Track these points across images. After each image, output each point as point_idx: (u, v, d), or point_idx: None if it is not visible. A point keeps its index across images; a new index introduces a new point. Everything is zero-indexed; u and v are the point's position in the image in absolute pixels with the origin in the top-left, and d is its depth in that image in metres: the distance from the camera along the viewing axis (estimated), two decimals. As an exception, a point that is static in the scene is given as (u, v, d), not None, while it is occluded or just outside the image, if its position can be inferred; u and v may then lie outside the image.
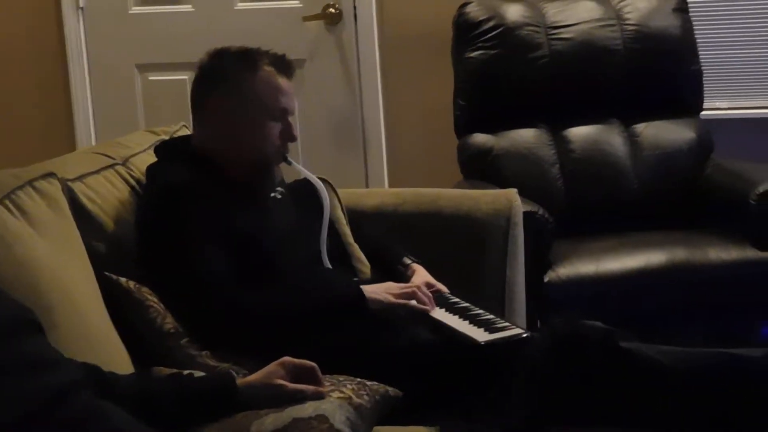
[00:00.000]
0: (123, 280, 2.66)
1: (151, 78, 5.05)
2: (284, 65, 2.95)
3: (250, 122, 2.90)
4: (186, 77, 3.00)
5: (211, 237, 2.72)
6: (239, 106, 2.90)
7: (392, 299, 2.82)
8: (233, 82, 2.91)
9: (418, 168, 4.85)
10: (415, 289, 2.87)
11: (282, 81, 2.93)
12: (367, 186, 4.87)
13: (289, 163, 3.00)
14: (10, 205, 2.45)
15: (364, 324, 2.76)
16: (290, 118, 2.94)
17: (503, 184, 3.88)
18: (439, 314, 2.85)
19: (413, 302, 2.84)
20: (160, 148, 3.04)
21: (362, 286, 2.82)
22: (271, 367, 2.32)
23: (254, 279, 2.72)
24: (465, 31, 4.39)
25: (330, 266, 2.97)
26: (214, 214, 2.75)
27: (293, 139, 2.96)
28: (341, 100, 4.91)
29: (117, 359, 2.52)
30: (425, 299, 2.86)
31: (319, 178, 3.12)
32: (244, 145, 2.91)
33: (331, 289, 2.86)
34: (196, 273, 2.68)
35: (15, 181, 2.53)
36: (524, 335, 2.71)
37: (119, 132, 4.57)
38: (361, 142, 4.91)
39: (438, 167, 4.61)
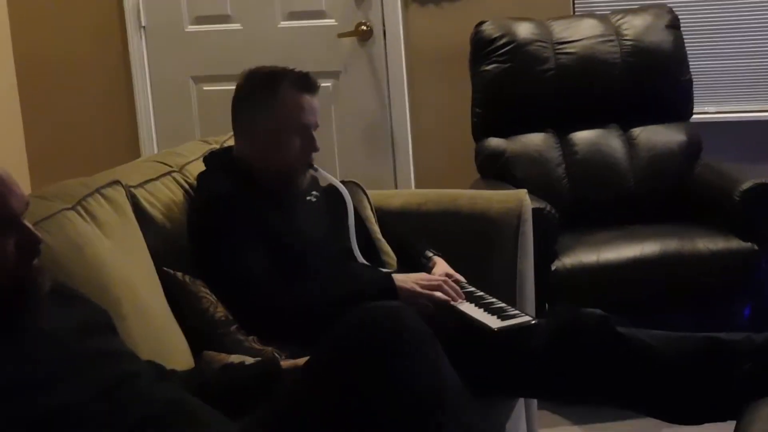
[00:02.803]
0: (179, 274, 2.69)
1: (205, 88, 5.08)
2: (306, 83, 2.91)
3: (275, 136, 2.88)
4: (235, 87, 3.03)
5: (247, 240, 2.73)
6: (265, 122, 2.89)
7: (419, 289, 2.77)
8: (260, 101, 2.90)
9: (440, 169, 4.85)
10: (441, 282, 2.82)
11: (303, 98, 2.89)
12: (395, 187, 4.88)
13: (315, 170, 2.97)
14: (81, 211, 2.48)
15: None
16: (313, 132, 2.91)
17: (515, 183, 3.91)
18: (457, 302, 2.82)
19: (438, 294, 2.78)
20: (208, 158, 3.05)
21: (393, 275, 2.80)
22: None
23: (289, 275, 2.72)
24: (481, 47, 4.40)
25: (363, 259, 2.94)
26: (249, 219, 2.76)
27: (315, 149, 2.91)
28: (372, 109, 4.93)
29: (176, 344, 2.56)
30: (451, 292, 2.81)
31: (351, 181, 3.12)
32: (271, 157, 2.89)
33: (363, 279, 2.83)
34: (235, 272, 2.70)
35: (85, 189, 2.57)
36: (533, 322, 2.71)
37: (177, 135, 4.64)
38: (390, 147, 4.91)
39: (458, 168, 4.62)
